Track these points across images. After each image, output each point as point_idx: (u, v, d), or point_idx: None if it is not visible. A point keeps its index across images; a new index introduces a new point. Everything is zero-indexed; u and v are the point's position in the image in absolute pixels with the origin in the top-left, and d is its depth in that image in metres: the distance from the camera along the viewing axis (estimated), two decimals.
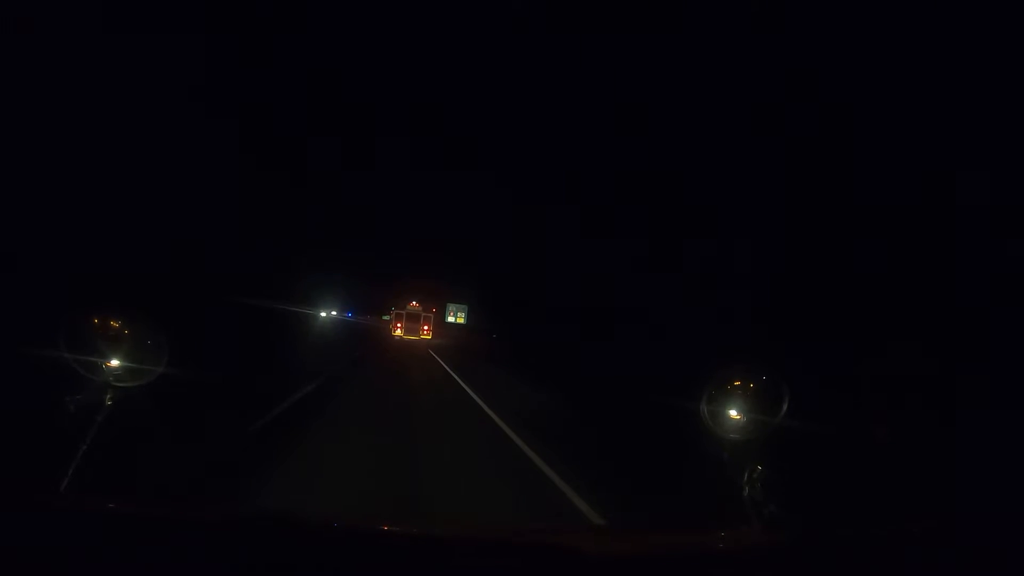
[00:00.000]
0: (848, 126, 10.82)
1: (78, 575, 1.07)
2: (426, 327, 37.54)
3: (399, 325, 37.28)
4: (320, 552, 1.20)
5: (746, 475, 1.81)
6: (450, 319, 41.98)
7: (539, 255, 27.81)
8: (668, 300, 16.61)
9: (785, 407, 1.85)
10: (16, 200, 9.40)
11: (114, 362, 1.79)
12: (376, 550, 1.31)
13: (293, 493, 4.14)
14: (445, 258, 45.83)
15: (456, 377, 14.48)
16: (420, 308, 38.26)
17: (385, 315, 41.12)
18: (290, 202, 26.49)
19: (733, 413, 1.92)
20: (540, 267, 27.35)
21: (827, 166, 11.59)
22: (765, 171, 13.25)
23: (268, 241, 22.72)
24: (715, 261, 15.06)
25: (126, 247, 12.35)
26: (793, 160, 12.33)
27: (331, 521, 1.51)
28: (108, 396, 1.79)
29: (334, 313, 37.57)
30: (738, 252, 14.42)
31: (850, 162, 11.21)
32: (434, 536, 1.55)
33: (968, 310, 8.34)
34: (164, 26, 12.64)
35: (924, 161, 9.48)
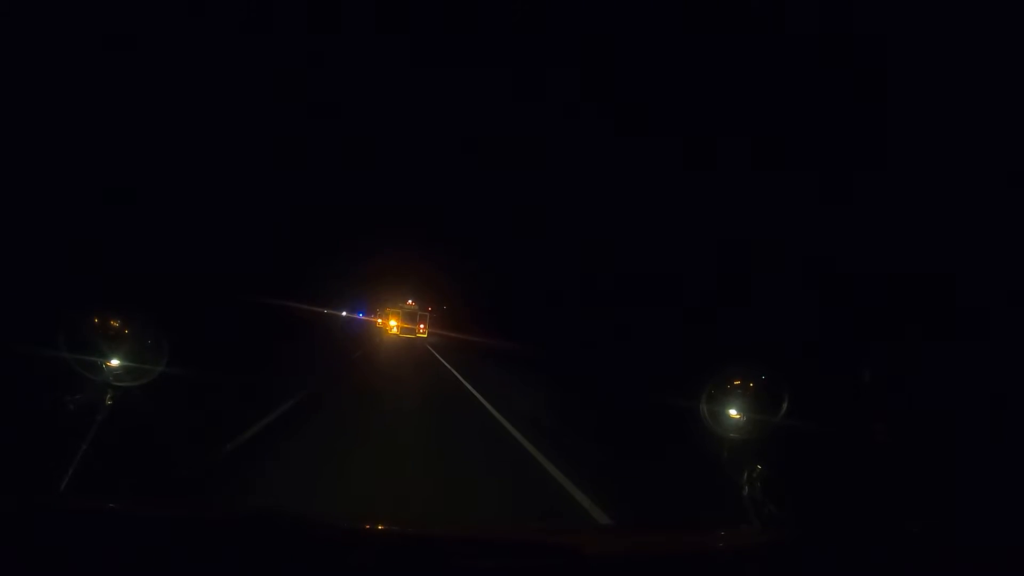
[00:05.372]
0: None
1: (78, 575, 1.07)
2: (422, 325, 37.95)
3: (394, 324, 37.78)
4: (320, 552, 1.20)
5: (746, 475, 1.81)
6: None
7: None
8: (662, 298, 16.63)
9: (785, 406, 1.85)
10: (17, 198, 9.41)
11: (114, 361, 1.79)
12: (376, 550, 1.31)
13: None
14: (446, 257, 45.85)
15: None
16: (416, 307, 38.68)
17: (381, 316, 41.20)
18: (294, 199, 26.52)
19: (733, 412, 1.92)
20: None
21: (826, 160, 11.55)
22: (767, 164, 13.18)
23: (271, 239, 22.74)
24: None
25: (135, 247, 12.38)
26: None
27: (331, 521, 1.51)
28: (108, 396, 1.79)
29: (344, 313, 37.99)
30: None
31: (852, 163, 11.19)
32: (434, 536, 1.54)
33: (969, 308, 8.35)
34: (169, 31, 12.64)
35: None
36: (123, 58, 11.64)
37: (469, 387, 12.25)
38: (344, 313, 39.99)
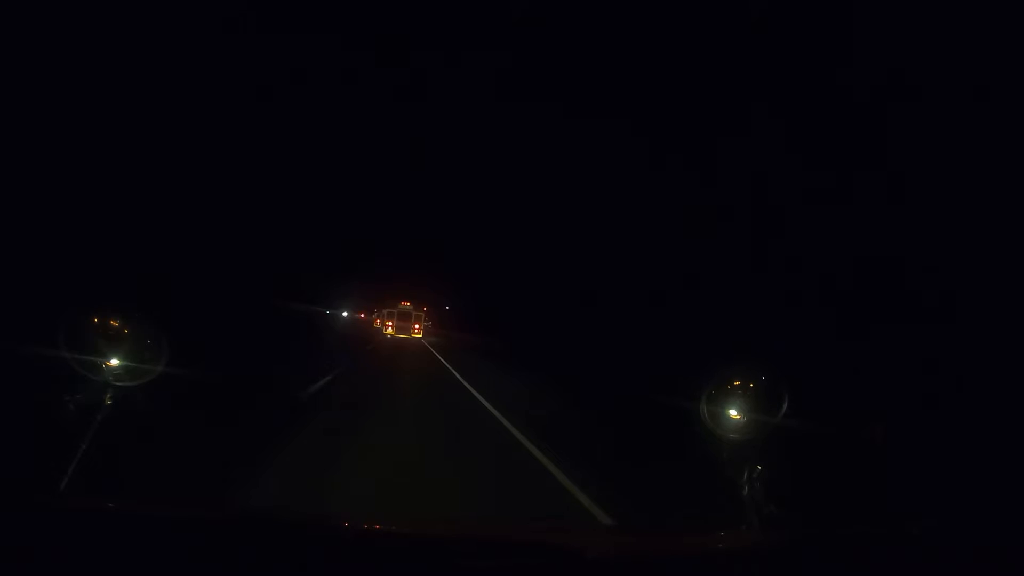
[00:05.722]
0: None
1: (78, 575, 1.07)
2: (417, 326, 38.06)
3: (390, 324, 37.81)
4: (320, 552, 1.20)
5: (746, 475, 1.82)
6: None
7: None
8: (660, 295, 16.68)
9: (785, 407, 1.86)
10: (18, 197, 9.41)
11: (114, 361, 1.79)
12: (376, 550, 1.32)
13: None
14: (443, 259, 46.07)
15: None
16: (411, 307, 38.75)
17: (378, 316, 41.02)
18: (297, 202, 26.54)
19: (733, 413, 1.92)
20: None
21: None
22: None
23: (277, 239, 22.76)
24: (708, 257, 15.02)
25: (137, 247, 12.39)
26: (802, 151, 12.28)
27: (331, 521, 1.51)
28: (108, 395, 1.80)
29: (345, 314, 37.81)
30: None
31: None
32: (434, 536, 1.55)
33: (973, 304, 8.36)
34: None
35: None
36: (124, 60, 11.67)
37: (470, 388, 12.26)
38: (346, 314, 39.96)
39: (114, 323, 1.85)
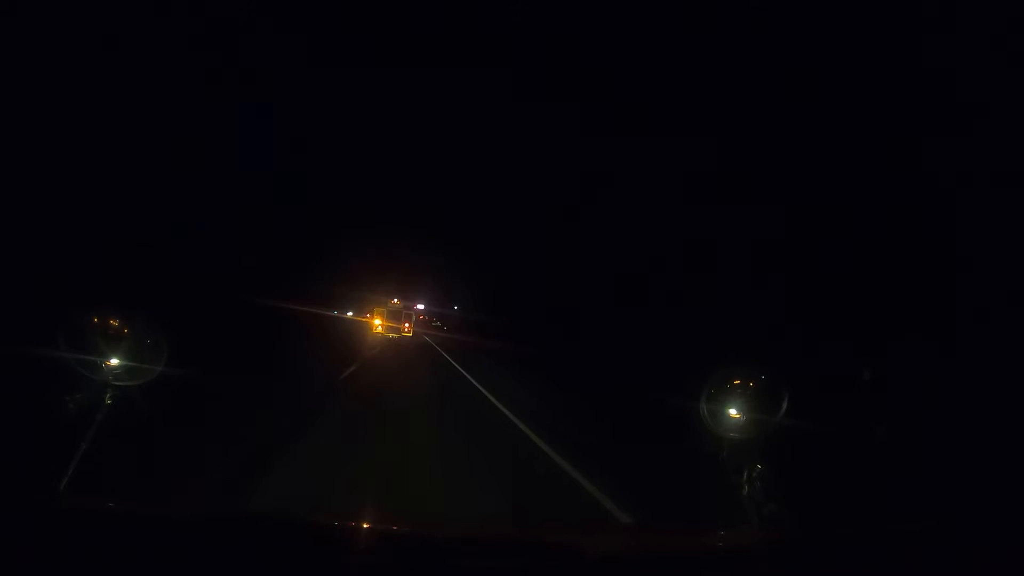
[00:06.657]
0: None
1: (78, 575, 1.07)
2: (407, 324, 37.45)
3: (379, 322, 37.11)
4: (320, 552, 1.20)
5: (746, 475, 1.81)
6: None
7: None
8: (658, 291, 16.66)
9: (785, 406, 1.85)
10: (15, 197, 9.40)
11: (114, 361, 1.79)
12: (377, 550, 1.31)
13: None
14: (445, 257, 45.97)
15: None
16: (402, 305, 38.23)
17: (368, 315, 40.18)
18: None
19: (733, 412, 1.92)
20: None
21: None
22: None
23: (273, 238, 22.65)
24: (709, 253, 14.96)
25: (137, 247, 12.36)
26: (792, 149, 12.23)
27: (331, 521, 1.50)
28: (108, 395, 1.80)
29: (349, 314, 37.16)
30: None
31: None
32: (435, 536, 1.54)
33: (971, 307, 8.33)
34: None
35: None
36: (124, 60, 11.67)
37: (484, 391, 12.27)
38: (350, 314, 39.66)
39: (114, 323, 1.85)
